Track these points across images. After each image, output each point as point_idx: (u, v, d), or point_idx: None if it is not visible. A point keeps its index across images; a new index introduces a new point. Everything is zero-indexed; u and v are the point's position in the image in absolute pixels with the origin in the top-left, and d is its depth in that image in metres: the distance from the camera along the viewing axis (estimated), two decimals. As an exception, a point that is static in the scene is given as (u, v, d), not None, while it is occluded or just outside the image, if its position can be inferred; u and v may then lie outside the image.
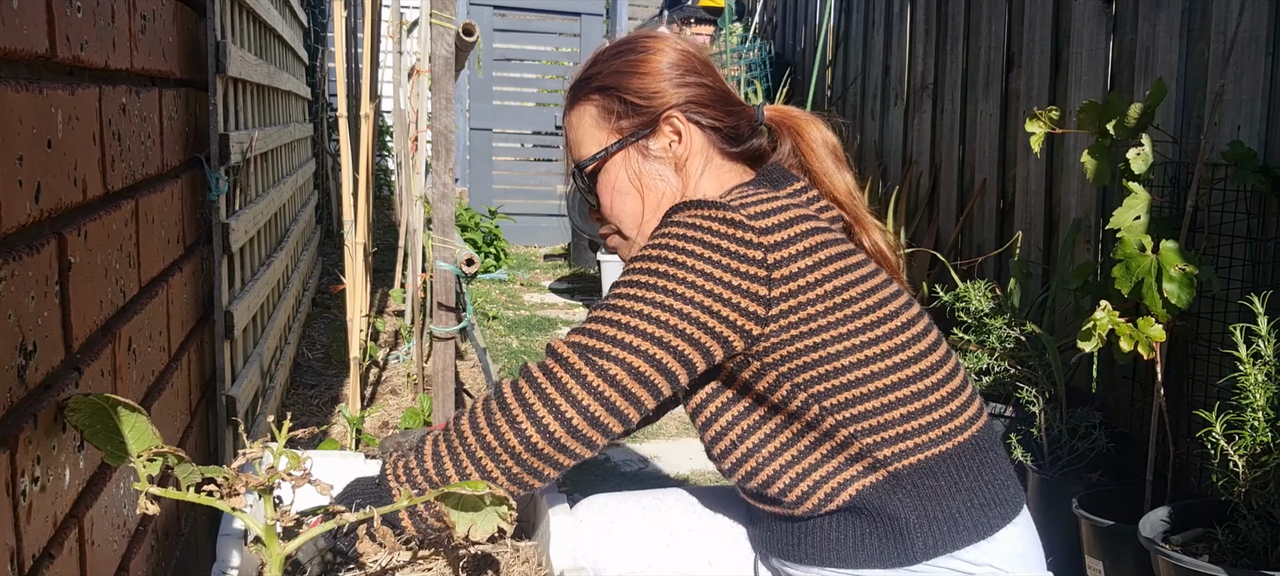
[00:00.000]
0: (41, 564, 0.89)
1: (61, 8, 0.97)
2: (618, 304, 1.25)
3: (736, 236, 1.23)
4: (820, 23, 5.58)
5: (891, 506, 1.26)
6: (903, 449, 1.27)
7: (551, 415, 1.20)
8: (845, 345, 1.26)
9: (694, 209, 1.27)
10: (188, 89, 1.73)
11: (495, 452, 1.22)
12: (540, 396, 1.21)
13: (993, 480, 1.32)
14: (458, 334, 2.60)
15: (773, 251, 1.24)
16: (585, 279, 6.46)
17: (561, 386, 1.21)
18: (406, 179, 4.25)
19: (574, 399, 1.21)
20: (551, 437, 1.21)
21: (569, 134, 1.48)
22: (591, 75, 1.44)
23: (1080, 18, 2.95)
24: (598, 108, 1.43)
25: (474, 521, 1.08)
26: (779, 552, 1.36)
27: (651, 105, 1.40)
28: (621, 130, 1.41)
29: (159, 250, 1.44)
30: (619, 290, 1.27)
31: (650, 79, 1.41)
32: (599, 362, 1.21)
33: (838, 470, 1.28)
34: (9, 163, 0.82)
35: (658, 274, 1.24)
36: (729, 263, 1.23)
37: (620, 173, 1.42)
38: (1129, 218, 2.15)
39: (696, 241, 1.24)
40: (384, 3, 5.34)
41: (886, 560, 1.27)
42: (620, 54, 1.44)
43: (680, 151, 1.41)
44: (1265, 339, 1.81)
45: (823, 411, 1.26)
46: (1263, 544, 1.80)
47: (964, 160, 3.84)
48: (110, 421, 0.93)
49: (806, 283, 1.25)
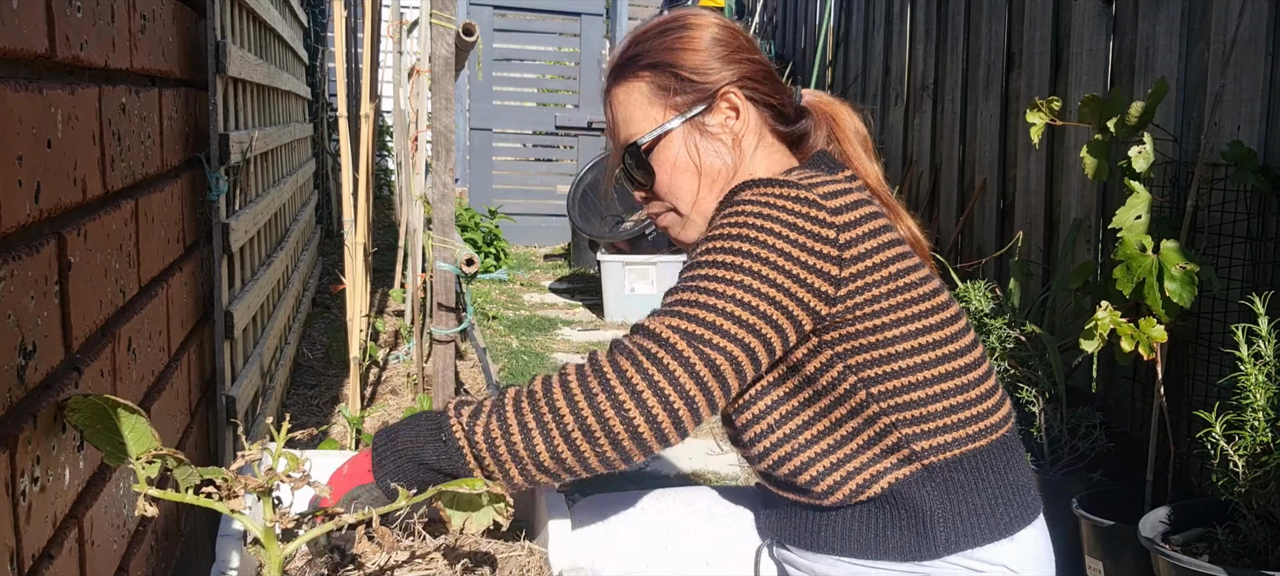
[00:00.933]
0: (41, 564, 0.89)
1: (61, 8, 0.97)
2: (711, 287, 1.20)
3: (811, 215, 1.23)
4: (820, 23, 5.58)
5: (919, 499, 1.26)
6: (940, 443, 1.27)
7: (659, 401, 1.14)
8: (902, 331, 1.26)
9: (764, 187, 1.25)
10: (188, 89, 1.73)
11: (593, 434, 1.15)
12: (647, 380, 1.15)
13: (1017, 480, 1.33)
14: (458, 334, 2.60)
15: (843, 231, 1.23)
16: (585, 279, 6.46)
17: (668, 371, 1.15)
18: (406, 179, 4.25)
19: (680, 385, 1.15)
20: (655, 424, 1.15)
21: (616, 112, 1.44)
22: (639, 53, 1.41)
23: (1080, 18, 2.95)
24: (650, 84, 1.40)
25: (470, 517, 1.08)
26: (795, 540, 1.36)
27: (707, 81, 1.38)
28: (678, 106, 1.39)
29: (159, 250, 1.44)
30: (705, 271, 1.22)
31: (702, 55, 1.39)
32: (705, 350, 1.16)
33: (872, 461, 1.28)
34: (9, 163, 0.82)
35: (742, 254, 1.21)
36: (805, 241, 1.22)
37: (679, 149, 1.39)
38: (1130, 217, 2.15)
39: (773, 220, 1.22)
40: (384, 3, 5.34)
41: (906, 553, 1.27)
42: (667, 31, 1.42)
43: (737, 127, 1.39)
44: (1266, 339, 1.81)
45: (869, 398, 1.26)
46: (1263, 544, 1.80)
47: (964, 160, 3.84)
48: (110, 422, 0.92)
49: (872, 264, 1.25)
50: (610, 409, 1.14)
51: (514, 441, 1.16)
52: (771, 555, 1.44)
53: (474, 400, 1.22)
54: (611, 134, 1.47)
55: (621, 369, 1.16)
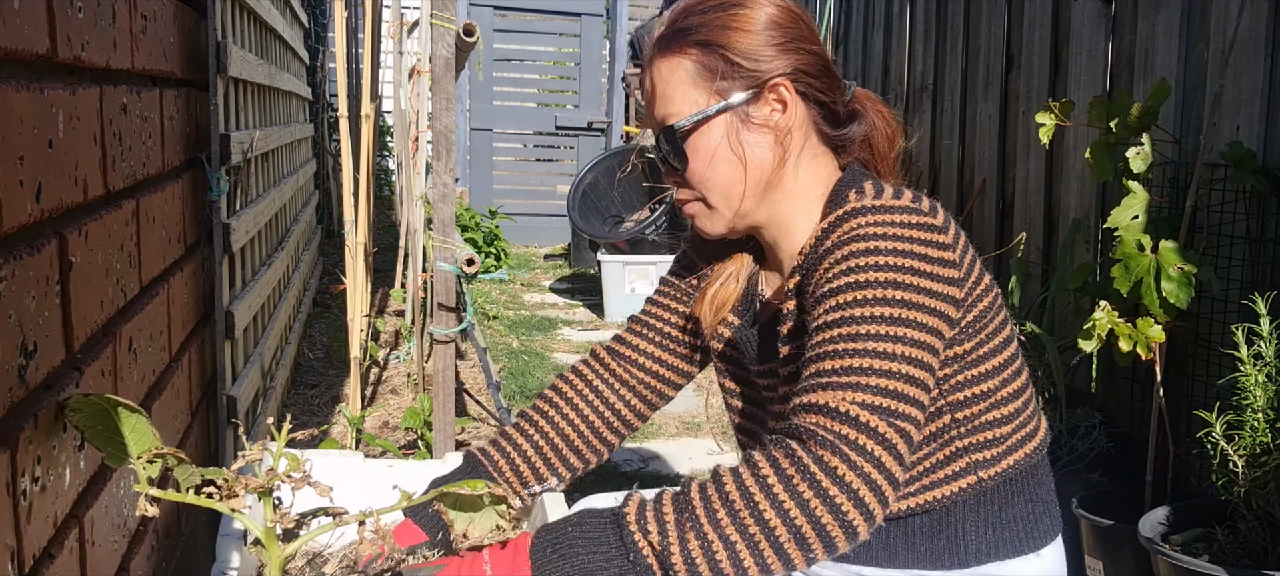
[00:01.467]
0: (42, 564, 0.89)
1: (62, 8, 0.97)
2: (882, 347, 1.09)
3: (935, 240, 1.16)
4: (820, 23, 5.58)
5: (958, 511, 1.24)
6: (997, 456, 1.25)
7: (871, 493, 1.03)
8: (991, 347, 1.23)
9: (881, 214, 1.17)
10: (189, 89, 1.73)
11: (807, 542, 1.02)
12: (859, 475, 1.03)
13: (1047, 495, 1.32)
14: (458, 334, 2.60)
15: (954, 248, 1.19)
16: (585, 279, 6.46)
17: (875, 459, 1.04)
18: (407, 179, 4.25)
19: (887, 469, 1.04)
20: (871, 518, 1.03)
21: (657, 86, 1.32)
22: (689, 26, 1.29)
23: (1080, 18, 2.95)
24: (696, 63, 1.28)
25: (472, 520, 1.08)
26: None
27: (758, 68, 1.27)
28: (723, 92, 1.27)
29: (160, 250, 1.44)
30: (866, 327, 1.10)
31: (757, 38, 1.27)
32: (900, 424, 1.06)
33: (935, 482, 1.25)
34: (10, 162, 0.82)
35: (897, 303, 1.11)
36: (938, 271, 1.15)
37: (719, 138, 1.28)
38: (1127, 217, 2.15)
39: (908, 253, 1.14)
40: (384, 3, 5.34)
41: (935, 562, 1.25)
42: (723, 6, 1.29)
43: (782, 123, 1.28)
44: (1267, 339, 1.81)
45: (953, 422, 1.23)
46: (1262, 544, 1.80)
47: (963, 160, 3.84)
48: (111, 422, 0.93)
49: (975, 279, 1.22)
50: (824, 509, 1.02)
51: (715, 555, 1.03)
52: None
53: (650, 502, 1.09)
54: (648, 105, 1.36)
55: (826, 462, 1.03)
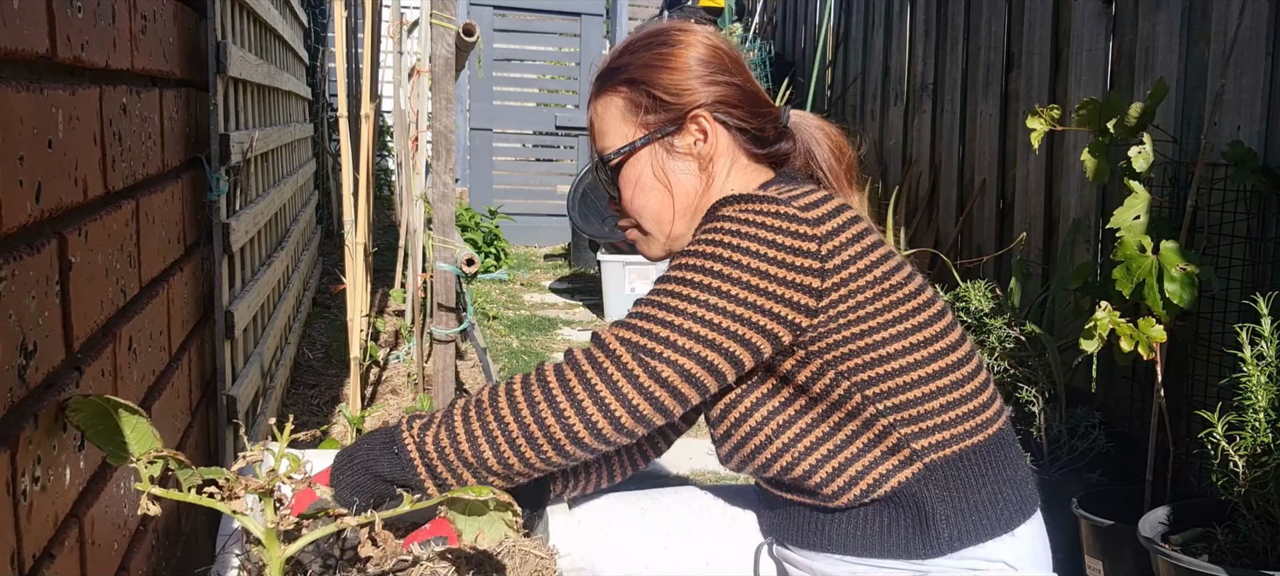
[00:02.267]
0: (42, 563, 0.89)
1: (62, 8, 0.97)
2: (670, 302, 1.23)
3: (792, 229, 1.23)
4: (820, 23, 5.58)
5: (923, 498, 1.27)
6: (939, 440, 1.27)
7: (598, 409, 1.19)
8: (890, 332, 1.26)
9: (744, 203, 1.25)
10: (188, 89, 1.73)
11: (535, 439, 1.20)
12: (587, 389, 1.20)
13: (1015, 476, 1.34)
14: (458, 334, 2.61)
15: (825, 242, 1.23)
16: (585, 279, 6.46)
17: (610, 381, 1.19)
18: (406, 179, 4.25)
19: (622, 395, 1.19)
20: (596, 430, 1.20)
21: (595, 122, 1.46)
22: (620, 65, 1.42)
23: (1080, 18, 2.95)
24: (625, 100, 1.41)
25: (480, 527, 1.08)
26: (798, 540, 1.36)
27: (679, 102, 1.38)
28: (648, 125, 1.40)
29: (159, 250, 1.44)
30: (671, 286, 1.24)
31: (680, 75, 1.38)
32: (650, 362, 1.20)
33: (876, 462, 1.28)
34: (10, 163, 0.82)
35: (712, 272, 1.22)
36: (784, 257, 1.22)
37: (645, 168, 1.40)
38: (1129, 217, 2.15)
39: (751, 237, 1.23)
40: (384, 3, 5.34)
41: (910, 551, 1.28)
42: (651, 46, 1.42)
43: (705, 151, 1.39)
44: (1269, 339, 1.81)
45: (865, 400, 1.26)
46: (1262, 543, 1.80)
47: (964, 160, 3.84)
48: (111, 422, 0.93)
49: (856, 270, 1.25)
50: (550, 414, 1.19)
51: (462, 449, 1.21)
52: (770, 554, 1.44)
53: (427, 414, 1.26)
54: (591, 139, 1.48)
55: (565, 377, 1.21)
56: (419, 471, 1.22)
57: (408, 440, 1.23)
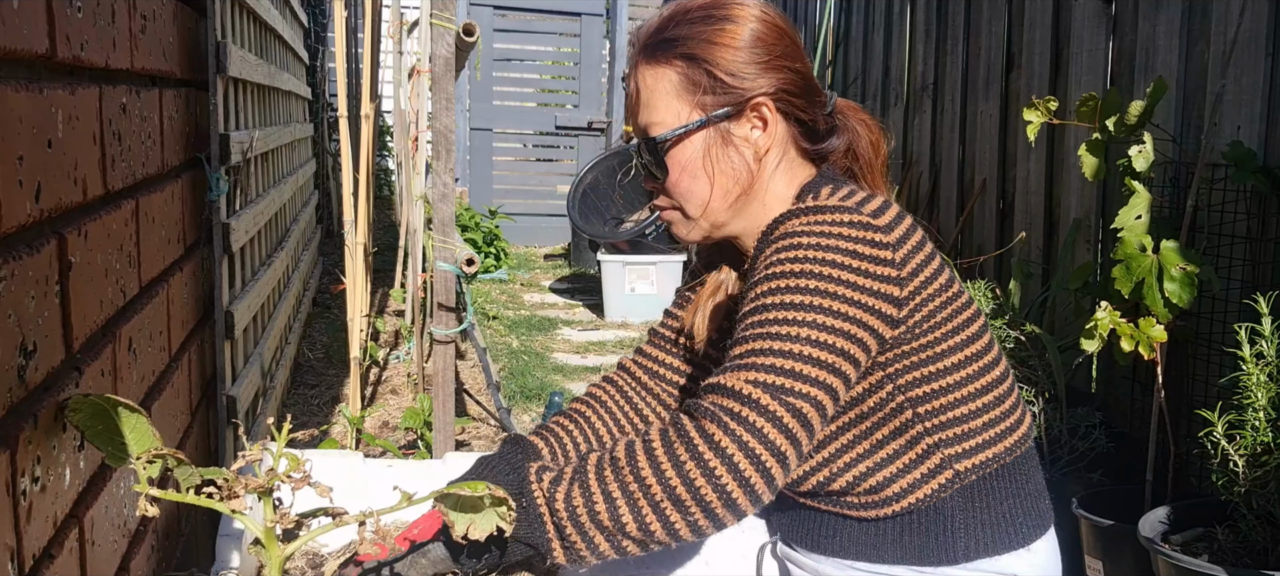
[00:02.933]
0: (42, 563, 0.89)
1: (62, 8, 0.97)
2: (783, 331, 1.14)
3: (868, 238, 1.18)
4: (820, 23, 5.58)
5: (947, 510, 1.25)
6: (970, 449, 1.26)
7: (750, 463, 1.08)
8: (949, 344, 1.24)
9: (815, 215, 1.20)
10: (188, 89, 1.73)
11: (684, 504, 1.09)
12: (737, 443, 1.08)
13: (1035, 490, 1.32)
14: (458, 334, 2.60)
15: (898, 249, 1.20)
16: (585, 279, 6.46)
17: (755, 429, 1.09)
18: (406, 179, 4.25)
19: (770, 442, 1.09)
20: (749, 488, 1.09)
21: (641, 93, 1.33)
22: (677, 37, 1.30)
23: (1080, 18, 2.95)
24: (681, 76, 1.29)
25: (472, 521, 1.08)
26: (806, 543, 1.35)
27: (741, 87, 1.28)
28: (705, 106, 1.29)
29: (159, 250, 1.44)
30: (773, 315, 1.16)
31: (742, 56, 1.29)
32: (791, 401, 1.11)
33: (905, 470, 1.26)
34: (9, 163, 0.82)
35: (808, 290, 1.15)
36: (868, 266, 1.17)
37: (696, 152, 1.30)
38: (1131, 217, 2.15)
39: (832, 248, 1.17)
40: (384, 3, 5.34)
41: (924, 559, 1.26)
42: (711, 19, 1.30)
43: (762, 142, 1.30)
44: (1269, 339, 1.81)
45: (915, 416, 1.24)
46: (1263, 543, 1.80)
47: (964, 160, 3.84)
48: (111, 422, 0.92)
49: (926, 278, 1.22)
50: (700, 475, 1.08)
51: (597, 511, 1.11)
52: (774, 554, 1.44)
53: (555, 466, 1.18)
54: (632, 109, 1.37)
55: (708, 432, 1.09)
56: (548, 532, 1.13)
57: (538, 494, 1.13)
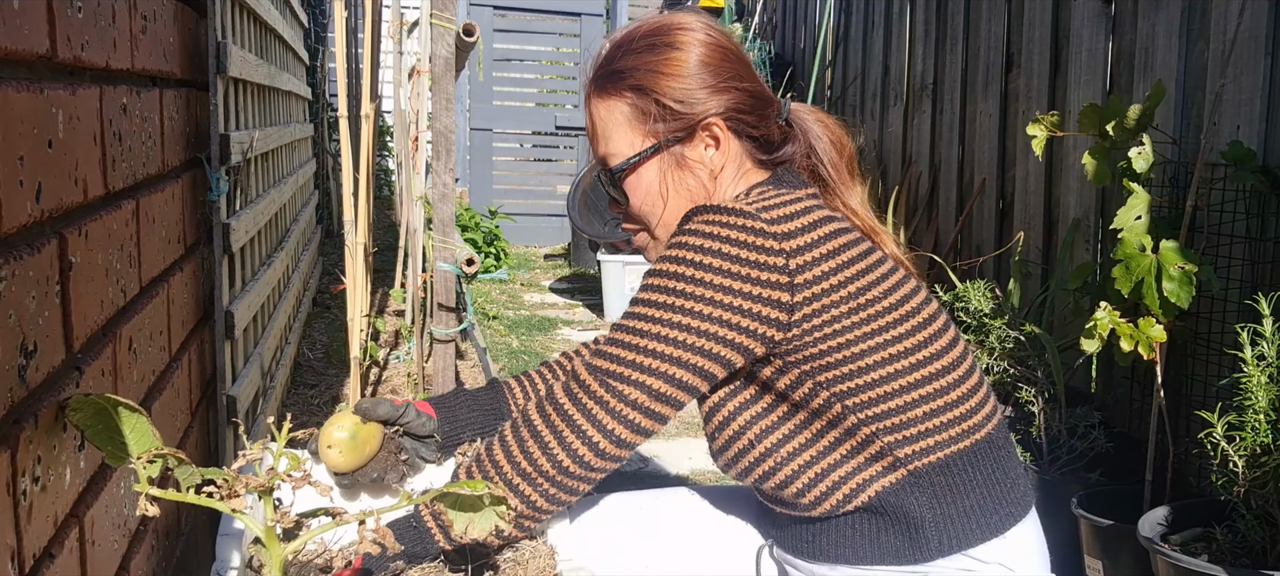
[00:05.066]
0: (42, 563, 0.89)
1: (62, 8, 0.97)
2: (636, 326, 1.24)
3: (758, 244, 1.20)
4: (820, 23, 5.58)
5: (908, 505, 1.26)
6: (923, 447, 1.26)
7: (579, 440, 1.23)
8: (869, 344, 1.24)
9: (711, 215, 1.23)
10: (188, 89, 1.73)
11: (531, 477, 1.25)
12: (567, 422, 1.24)
13: (1006, 478, 1.32)
14: (458, 334, 2.60)
15: (795, 256, 1.21)
16: (585, 279, 6.46)
17: (586, 411, 1.23)
18: (407, 179, 4.25)
19: (599, 423, 1.23)
20: (581, 460, 1.24)
21: (597, 125, 1.40)
22: (623, 68, 1.36)
23: (1079, 18, 2.95)
24: (631, 107, 1.35)
25: (471, 520, 1.08)
26: (791, 549, 1.36)
27: (691, 112, 1.34)
28: (657, 133, 1.35)
29: (160, 250, 1.44)
30: (637, 309, 1.25)
31: (689, 82, 1.34)
32: (619, 387, 1.22)
33: (857, 470, 1.27)
34: (10, 163, 0.82)
35: (675, 292, 1.22)
36: (750, 272, 1.20)
37: (652, 176, 1.37)
38: (1130, 217, 2.15)
39: (715, 252, 1.21)
40: (384, 3, 5.34)
41: (900, 557, 1.27)
42: (654, 47, 1.35)
43: (715, 160, 1.36)
44: (1269, 340, 1.81)
45: (845, 409, 1.25)
46: (1262, 543, 1.80)
47: (963, 160, 3.84)
48: (111, 421, 0.93)
49: (830, 284, 1.23)
50: (539, 452, 1.25)
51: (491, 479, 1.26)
52: (772, 556, 1.44)
53: None
54: (591, 139, 1.44)
55: (546, 414, 1.26)
56: (435, 536, 1.26)
57: (424, 513, 1.27)
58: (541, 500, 1.26)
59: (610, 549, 1.45)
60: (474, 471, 1.28)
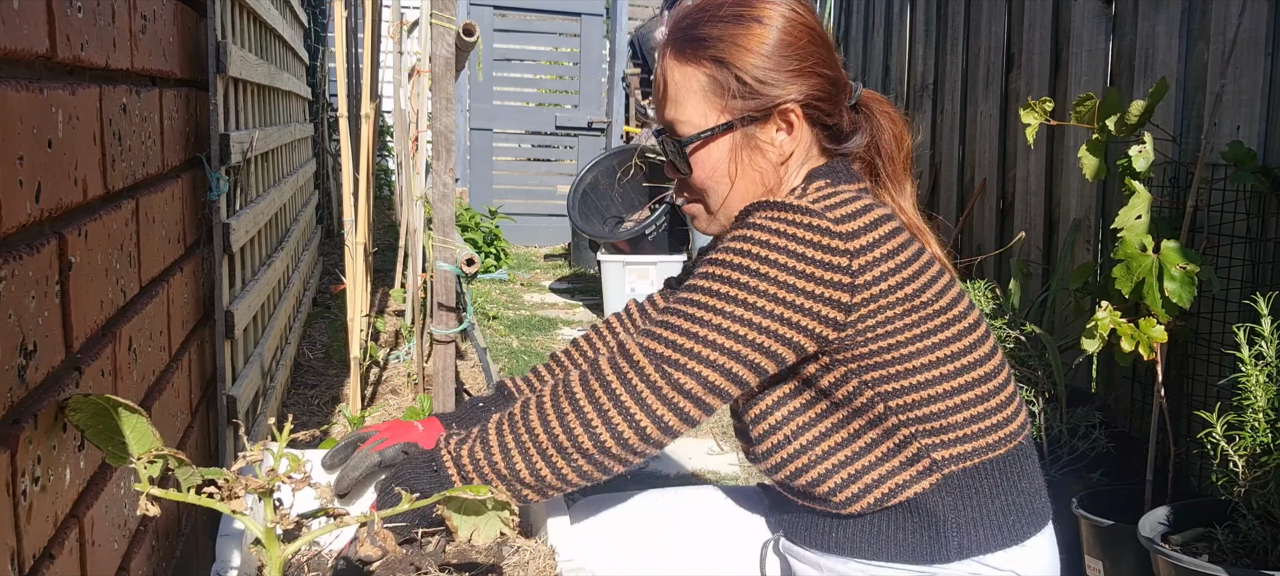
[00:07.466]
0: (42, 563, 0.89)
1: (62, 8, 0.97)
2: (697, 313, 1.21)
3: (823, 243, 1.19)
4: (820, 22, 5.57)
5: (936, 507, 1.26)
6: (959, 452, 1.26)
7: (624, 420, 1.20)
8: (918, 346, 1.24)
9: (778, 211, 1.22)
10: (188, 89, 1.73)
11: (567, 451, 1.22)
12: (614, 401, 1.21)
13: (1030, 487, 1.32)
14: (458, 334, 2.60)
15: (857, 256, 1.20)
16: (585, 279, 6.46)
17: (635, 392, 1.21)
18: (406, 179, 4.25)
19: (647, 406, 1.20)
20: (623, 441, 1.21)
21: (668, 87, 1.34)
22: (707, 37, 1.31)
23: (1080, 18, 2.95)
24: (710, 78, 1.31)
25: (476, 526, 1.08)
26: (805, 540, 1.36)
27: (769, 94, 1.30)
28: (732, 111, 1.31)
29: (159, 250, 1.44)
30: (697, 296, 1.22)
31: (772, 61, 1.29)
32: (673, 374, 1.20)
33: (893, 471, 1.27)
34: (10, 163, 0.82)
35: (739, 284, 1.20)
36: (814, 271, 1.19)
37: (722, 152, 1.32)
38: (1131, 217, 2.15)
39: (781, 249, 1.20)
40: (384, 3, 5.34)
41: (918, 557, 1.27)
42: (741, 19, 1.30)
43: (786, 145, 1.32)
44: (1268, 340, 1.81)
45: (887, 410, 1.25)
46: (1262, 543, 1.80)
47: (964, 160, 3.84)
48: (111, 421, 0.92)
49: (889, 285, 1.22)
50: (579, 427, 1.21)
51: (495, 461, 1.24)
52: (776, 551, 1.44)
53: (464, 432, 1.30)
54: (659, 97, 1.38)
55: (591, 388, 1.23)
56: (457, 486, 1.24)
57: (445, 456, 1.26)
58: (573, 475, 1.23)
59: (610, 549, 1.45)
60: (503, 426, 1.25)
